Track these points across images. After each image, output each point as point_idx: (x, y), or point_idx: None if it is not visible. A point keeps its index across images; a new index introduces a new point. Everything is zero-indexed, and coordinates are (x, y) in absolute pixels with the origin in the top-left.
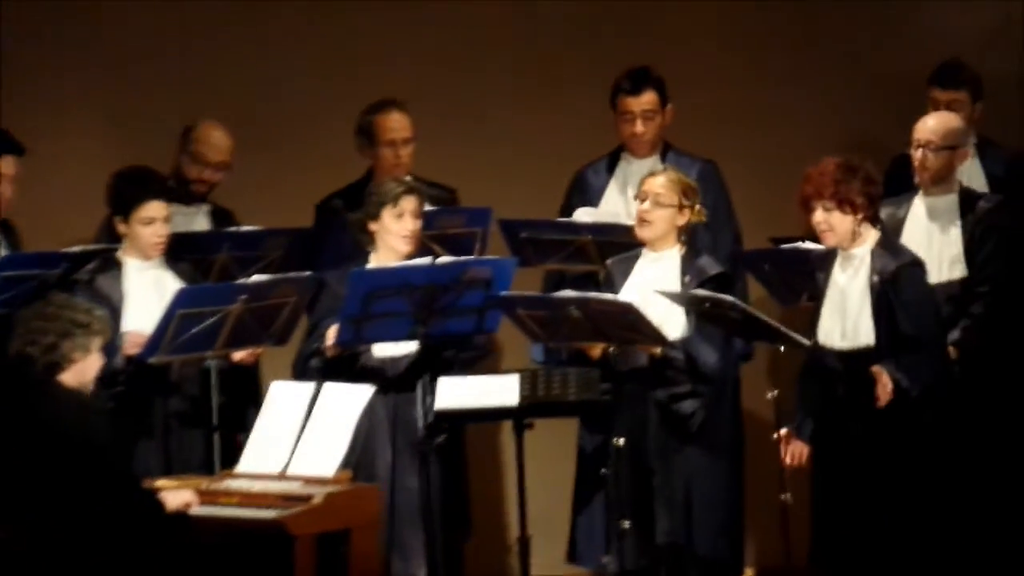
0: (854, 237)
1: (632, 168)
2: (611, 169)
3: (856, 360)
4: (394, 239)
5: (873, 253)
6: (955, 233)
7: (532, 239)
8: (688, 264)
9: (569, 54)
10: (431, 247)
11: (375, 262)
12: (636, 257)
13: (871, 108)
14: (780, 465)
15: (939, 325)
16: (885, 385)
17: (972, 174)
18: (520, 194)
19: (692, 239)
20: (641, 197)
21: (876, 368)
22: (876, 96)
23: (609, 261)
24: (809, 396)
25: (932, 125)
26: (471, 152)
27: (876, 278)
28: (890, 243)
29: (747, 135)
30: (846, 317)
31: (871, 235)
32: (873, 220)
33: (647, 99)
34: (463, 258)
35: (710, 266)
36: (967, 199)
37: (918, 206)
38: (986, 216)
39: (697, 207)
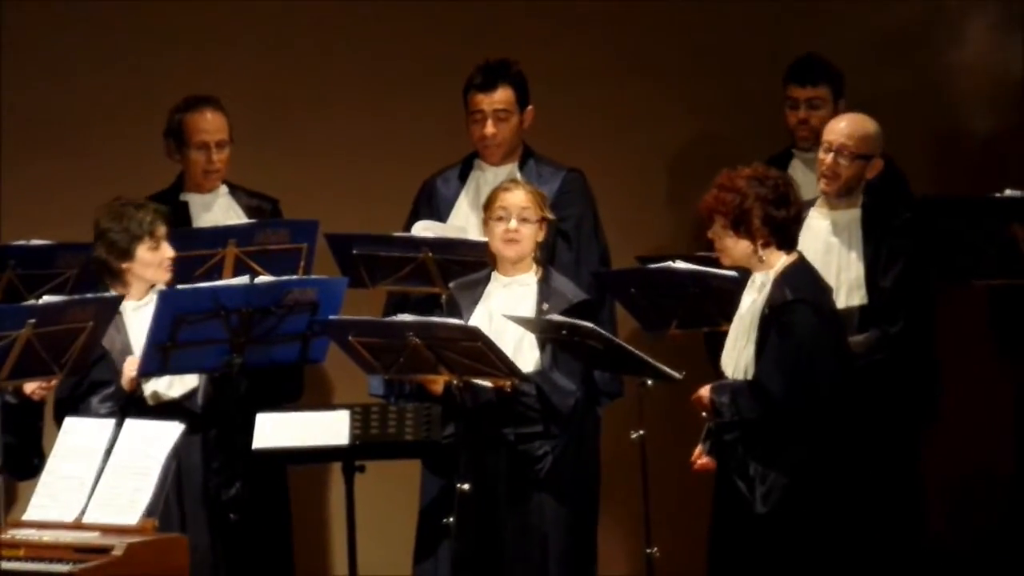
0: (757, 261)
1: (487, 177)
2: (463, 178)
3: None
4: (154, 272)
5: (776, 281)
6: (855, 254)
7: (365, 256)
8: (546, 289)
9: (412, 50)
10: (249, 265)
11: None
12: (484, 281)
13: (753, 111)
14: (646, 516)
15: (809, 374)
16: (701, 399)
17: None
18: (352, 206)
19: (551, 258)
20: (500, 215)
21: (704, 387)
22: (757, 97)
23: (452, 285)
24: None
25: (847, 128)
26: (296, 158)
27: (767, 310)
28: (799, 272)
29: (615, 141)
30: (736, 343)
31: (780, 260)
32: (782, 245)
33: (501, 97)
34: (285, 278)
35: (572, 292)
36: (873, 215)
37: (817, 219)
38: (895, 234)
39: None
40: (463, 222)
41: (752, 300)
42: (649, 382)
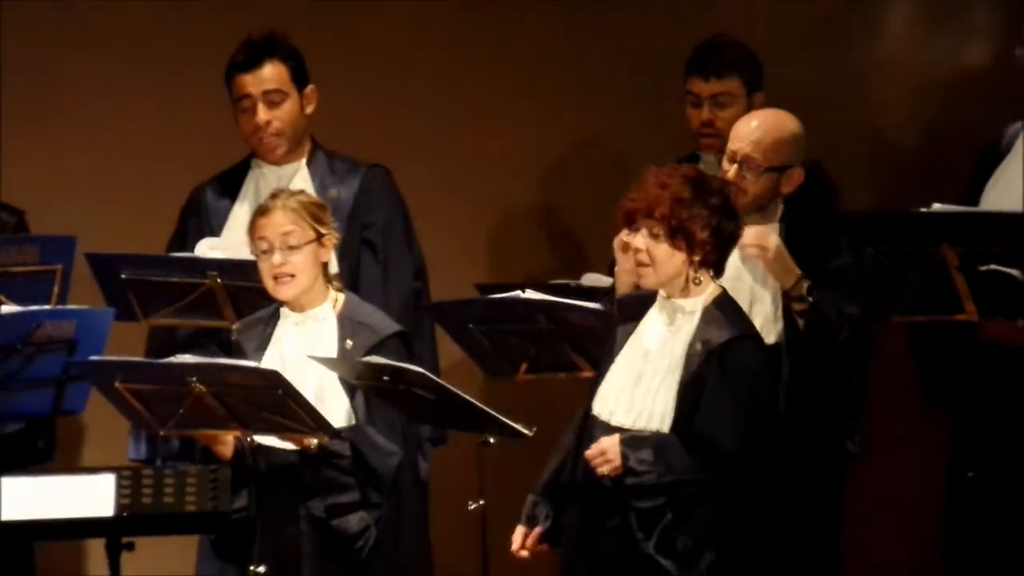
0: (685, 284)
1: (268, 178)
2: (239, 183)
3: None
4: None
5: (707, 312)
6: (773, 284)
7: (136, 281)
8: (348, 322)
9: (197, 33)
10: None
11: None
12: (272, 320)
13: (630, 110)
14: None
15: (761, 425)
16: (605, 454)
17: None
18: (118, 218)
19: (352, 280)
20: (263, 248)
21: (606, 440)
22: (633, 94)
23: (236, 327)
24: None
25: (755, 133)
26: (46, 158)
27: (699, 346)
28: (731, 304)
29: (443, 143)
30: (640, 385)
31: (710, 288)
32: (715, 267)
33: (270, 74)
34: (34, 308)
35: (380, 323)
36: (796, 228)
37: None
38: (825, 254)
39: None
40: (241, 238)
41: (672, 332)
42: (491, 439)
